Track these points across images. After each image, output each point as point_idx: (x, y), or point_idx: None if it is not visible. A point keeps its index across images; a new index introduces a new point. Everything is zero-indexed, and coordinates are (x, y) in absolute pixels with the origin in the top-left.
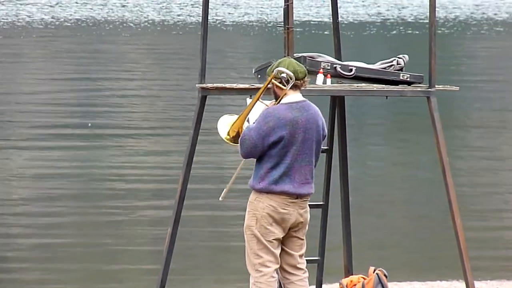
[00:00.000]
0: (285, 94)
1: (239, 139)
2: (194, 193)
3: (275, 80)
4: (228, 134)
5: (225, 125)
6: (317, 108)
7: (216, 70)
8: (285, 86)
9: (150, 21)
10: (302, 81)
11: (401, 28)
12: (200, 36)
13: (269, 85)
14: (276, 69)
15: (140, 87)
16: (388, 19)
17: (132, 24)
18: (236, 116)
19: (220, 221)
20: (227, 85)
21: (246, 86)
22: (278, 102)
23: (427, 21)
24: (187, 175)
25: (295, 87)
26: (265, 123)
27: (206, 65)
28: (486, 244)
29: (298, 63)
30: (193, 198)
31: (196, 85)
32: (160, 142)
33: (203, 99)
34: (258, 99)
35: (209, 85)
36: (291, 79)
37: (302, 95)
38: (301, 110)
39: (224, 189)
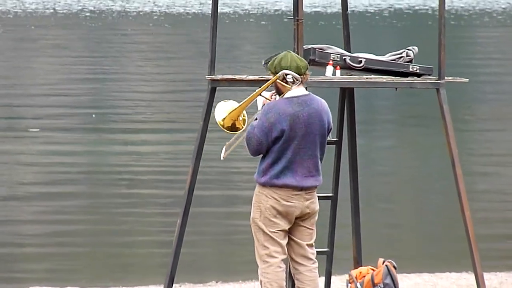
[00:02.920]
0: (289, 89)
1: (245, 138)
2: (203, 184)
3: (279, 81)
4: (223, 121)
5: (223, 110)
6: (322, 102)
7: (226, 61)
8: (289, 85)
9: (161, 12)
10: (304, 75)
11: (402, 20)
12: (210, 27)
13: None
14: (282, 72)
15: (149, 78)
16: (397, 8)
17: (141, 14)
18: (233, 103)
19: (229, 212)
20: (237, 77)
21: (256, 77)
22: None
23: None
24: (196, 166)
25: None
26: (266, 119)
27: (216, 57)
28: (496, 236)
29: (298, 57)
30: (202, 189)
31: (206, 76)
32: (169, 134)
33: (213, 91)
34: (260, 94)
35: (219, 76)
36: (297, 80)
37: (308, 87)
38: (303, 105)
39: (224, 147)
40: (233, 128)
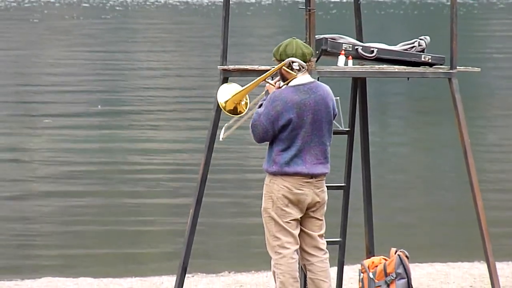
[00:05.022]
0: (294, 77)
1: (250, 125)
2: (215, 175)
3: (285, 67)
4: (225, 103)
5: (226, 92)
6: (327, 88)
7: (238, 50)
8: (295, 72)
9: (172, 2)
10: (309, 63)
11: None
12: (222, 17)
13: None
14: (288, 59)
15: (161, 68)
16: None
17: (152, 5)
18: (237, 86)
19: (241, 202)
20: (249, 67)
21: (268, 67)
22: (286, 84)
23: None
24: (209, 156)
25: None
26: (273, 108)
27: (228, 46)
28: (508, 225)
29: (304, 44)
30: (214, 180)
31: (218, 67)
32: (181, 125)
33: (225, 81)
34: (264, 80)
35: (231, 66)
36: (303, 68)
37: (320, 77)
38: (309, 92)
39: (223, 128)
40: (234, 111)
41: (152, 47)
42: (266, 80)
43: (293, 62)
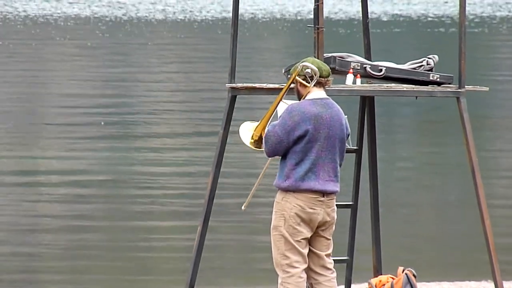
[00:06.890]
0: (309, 91)
1: (264, 136)
2: (223, 192)
3: (299, 77)
4: (252, 138)
5: (247, 130)
6: (339, 107)
7: (246, 68)
8: (309, 82)
9: (179, 19)
10: (326, 79)
11: (427, 27)
12: (230, 35)
13: (292, 85)
14: (301, 64)
15: (168, 86)
16: (417, 17)
17: (159, 21)
18: (256, 123)
19: (249, 220)
20: (257, 85)
21: (276, 85)
22: (303, 99)
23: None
24: (216, 174)
25: (318, 84)
26: (290, 118)
27: (236, 64)
28: None
29: (322, 62)
30: (222, 197)
31: (226, 85)
32: (189, 142)
33: (233, 99)
34: (281, 99)
35: (239, 85)
36: (315, 75)
37: (329, 95)
38: (325, 107)
39: (247, 198)
40: (260, 143)
41: (169, 63)
42: (283, 101)
43: (306, 68)
